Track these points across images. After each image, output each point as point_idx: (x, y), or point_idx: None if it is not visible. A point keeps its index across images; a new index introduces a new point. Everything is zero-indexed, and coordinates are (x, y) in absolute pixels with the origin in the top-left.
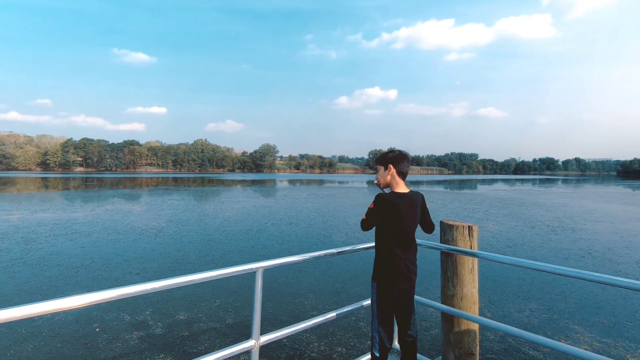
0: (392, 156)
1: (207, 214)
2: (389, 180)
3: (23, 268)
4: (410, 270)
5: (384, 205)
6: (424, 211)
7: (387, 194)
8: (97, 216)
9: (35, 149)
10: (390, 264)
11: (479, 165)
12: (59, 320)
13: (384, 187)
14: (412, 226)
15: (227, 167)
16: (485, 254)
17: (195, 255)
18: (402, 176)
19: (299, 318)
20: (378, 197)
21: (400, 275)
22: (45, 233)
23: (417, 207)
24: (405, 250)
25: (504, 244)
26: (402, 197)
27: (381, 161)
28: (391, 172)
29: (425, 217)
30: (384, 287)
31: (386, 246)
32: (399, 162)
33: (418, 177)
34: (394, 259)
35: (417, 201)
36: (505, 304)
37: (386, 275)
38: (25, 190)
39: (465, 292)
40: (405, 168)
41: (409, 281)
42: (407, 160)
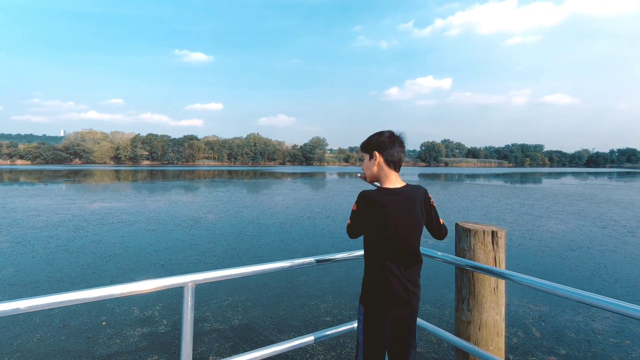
0: (378, 140)
1: (246, 206)
2: (376, 172)
3: (63, 255)
4: (410, 293)
5: (369, 205)
6: (428, 211)
7: (373, 191)
8: (145, 206)
9: (109, 144)
10: (382, 285)
11: (545, 157)
12: (73, 310)
13: (372, 181)
14: (411, 232)
15: (278, 160)
16: (512, 274)
17: (222, 248)
18: (394, 166)
19: (255, 341)
20: (360, 196)
21: (395, 299)
22: (95, 221)
23: (416, 206)
24: (402, 266)
25: (565, 247)
26: (393, 194)
27: (365, 147)
28: (378, 160)
29: (431, 218)
30: (374, 314)
31: (376, 260)
32: (388, 148)
33: (474, 170)
34: (386, 277)
35: (416, 198)
36: (549, 341)
37: (376, 299)
38: (94, 181)
39: (485, 319)
40: (397, 155)
41: (408, 307)
42: (400, 145)
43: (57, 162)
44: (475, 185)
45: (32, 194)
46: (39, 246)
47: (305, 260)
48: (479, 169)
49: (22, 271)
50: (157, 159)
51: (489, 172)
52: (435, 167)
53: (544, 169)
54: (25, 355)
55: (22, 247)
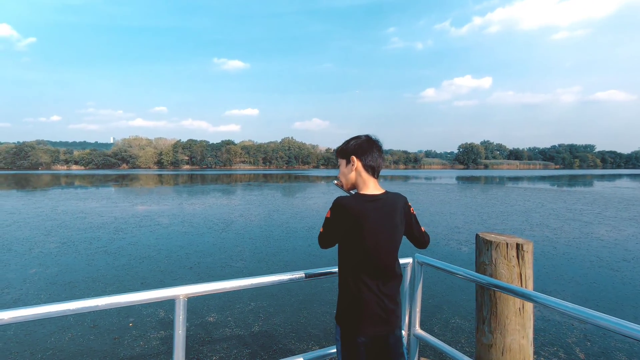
0: (355, 144)
1: (277, 210)
2: (353, 179)
3: (102, 256)
4: (388, 310)
5: (344, 213)
6: (409, 219)
7: (349, 197)
8: (181, 209)
9: (153, 150)
10: (357, 301)
11: (596, 158)
12: (104, 310)
13: (349, 189)
14: (390, 244)
15: (312, 163)
16: (539, 296)
17: (249, 252)
18: (372, 172)
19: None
20: (335, 203)
21: (371, 317)
22: (134, 224)
23: (395, 214)
24: (379, 280)
25: (618, 257)
26: (371, 201)
27: (342, 152)
28: (355, 166)
29: (411, 227)
30: (350, 334)
31: (350, 274)
32: (366, 152)
33: (517, 172)
34: (361, 292)
35: (395, 206)
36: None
37: (351, 318)
38: (139, 185)
39: (509, 342)
40: (376, 160)
41: (387, 326)
42: (378, 150)
43: (107, 167)
44: (517, 188)
45: (82, 197)
46: (82, 247)
47: (295, 275)
48: (522, 171)
49: (63, 271)
50: (196, 163)
51: (532, 175)
52: (474, 169)
53: (596, 171)
54: (56, 353)
55: (67, 247)
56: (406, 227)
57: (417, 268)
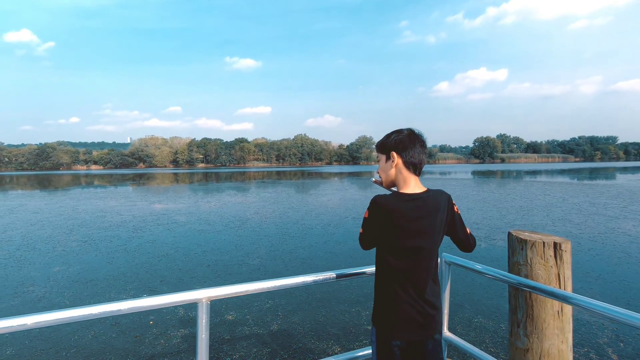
0: (396, 139)
1: (292, 207)
2: (393, 176)
3: (122, 254)
4: (426, 316)
5: (382, 213)
6: (452, 220)
7: (387, 196)
8: (197, 207)
9: (169, 149)
10: (393, 304)
11: (619, 150)
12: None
13: (389, 186)
14: (431, 246)
15: (325, 160)
16: (582, 300)
17: (265, 249)
18: (413, 169)
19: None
20: (372, 202)
21: (408, 322)
22: (152, 222)
23: (437, 214)
24: (418, 284)
25: None
26: (411, 200)
27: (381, 147)
28: (396, 162)
29: (455, 228)
30: (385, 337)
31: (388, 276)
32: (407, 148)
33: (535, 166)
34: (397, 296)
35: (437, 206)
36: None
37: (387, 321)
38: (155, 184)
39: (547, 347)
40: (418, 156)
41: (425, 331)
42: (421, 145)
43: (125, 166)
44: (536, 182)
45: (102, 196)
46: (102, 245)
47: (326, 276)
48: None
49: (85, 269)
50: (210, 161)
51: (552, 168)
52: (490, 163)
53: (618, 163)
54: (80, 351)
55: (88, 245)
56: (449, 228)
57: (445, 268)
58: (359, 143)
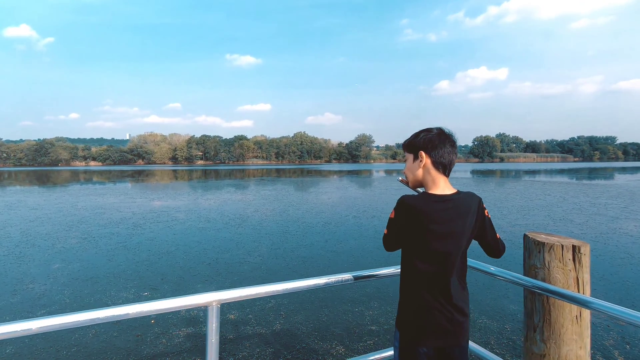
0: (425, 138)
1: (292, 205)
2: (421, 176)
3: (121, 252)
4: (455, 322)
5: (409, 214)
6: (482, 223)
7: (414, 197)
8: (197, 205)
9: (168, 146)
10: (420, 309)
11: (618, 150)
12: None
13: (416, 187)
14: (459, 250)
15: (324, 158)
16: (606, 306)
17: (267, 247)
18: (443, 169)
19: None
20: (400, 202)
21: (435, 328)
22: (152, 219)
23: (467, 217)
24: (446, 289)
25: None
26: (441, 202)
27: (409, 146)
28: (424, 162)
29: (485, 232)
30: (409, 342)
31: (414, 280)
32: (437, 147)
33: (534, 165)
34: (426, 301)
35: (468, 208)
36: None
37: (412, 325)
38: (155, 180)
39: (565, 353)
40: (448, 156)
41: (452, 338)
42: (451, 145)
43: (123, 163)
44: (535, 182)
45: (101, 193)
46: (102, 242)
47: (342, 277)
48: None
49: (85, 266)
50: (210, 158)
51: (551, 168)
52: (489, 162)
53: (617, 163)
54: (80, 350)
55: (87, 243)
56: (479, 232)
57: None
58: (358, 141)
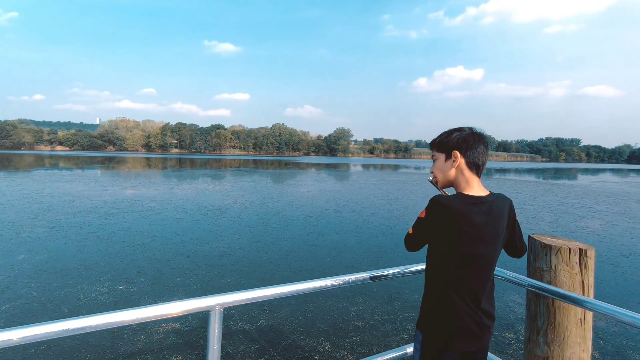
0: (459, 137)
1: (271, 197)
2: (453, 177)
3: (93, 242)
4: (483, 327)
5: (444, 215)
6: (512, 226)
7: (449, 198)
8: (173, 194)
9: (141, 133)
10: (449, 313)
11: (581, 152)
12: (101, 301)
13: (445, 187)
14: (492, 254)
15: (302, 150)
16: (617, 311)
17: (247, 240)
18: (476, 170)
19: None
20: (433, 202)
21: (464, 332)
22: (125, 209)
23: (502, 220)
24: (476, 292)
25: (616, 252)
26: (477, 204)
27: (441, 145)
28: (458, 162)
29: (514, 235)
30: (434, 346)
31: (444, 282)
32: (471, 147)
33: (504, 164)
34: (455, 304)
35: (502, 211)
36: None
37: (439, 329)
38: (126, 168)
39: (568, 356)
40: (482, 157)
41: (479, 342)
42: (484, 145)
43: (93, 148)
44: (507, 180)
45: (69, 180)
46: (72, 232)
47: (359, 277)
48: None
49: (54, 257)
50: (185, 147)
51: (520, 167)
52: None
53: (580, 165)
54: (51, 347)
55: (56, 232)
56: (509, 234)
57: None
58: (337, 135)
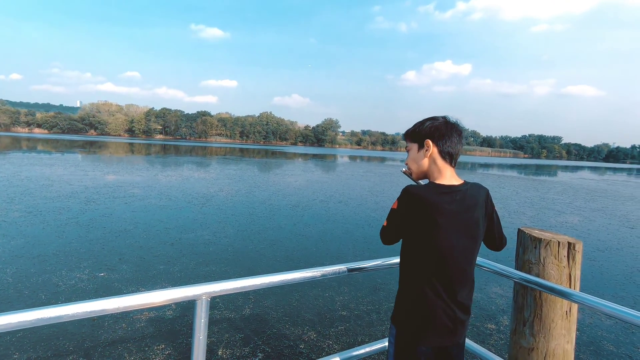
0: (431, 126)
1: (258, 186)
2: (426, 167)
3: (73, 228)
4: (457, 321)
5: (415, 205)
6: (490, 217)
7: (421, 187)
8: (157, 181)
9: (124, 117)
10: (422, 307)
11: (562, 150)
12: (81, 288)
13: (419, 178)
14: (469, 244)
15: (289, 140)
16: (604, 304)
17: (233, 229)
18: (449, 159)
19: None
20: (404, 192)
21: (438, 327)
22: (107, 194)
23: (476, 209)
24: (451, 286)
25: (592, 247)
26: (449, 193)
27: (414, 135)
28: (430, 152)
29: (493, 226)
30: (408, 340)
31: (417, 275)
32: (444, 137)
33: (488, 159)
34: (428, 298)
35: (477, 200)
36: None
37: (412, 323)
38: (108, 153)
39: (553, 347)
40: (455, 146)
41: (454, 337)
42: (458, 134)
43: (73, 132)
44: (490, 175)
45: (48, 163)
46: (50, 217)
47: (335, 269)
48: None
49: (31, 243)
50: (170, 133)
51: (503, 163)
52: None
53: (561, 162)
54: (27, 335)
55: (33, 217)
56: (487, 225)
57: None
58: (325, 125)
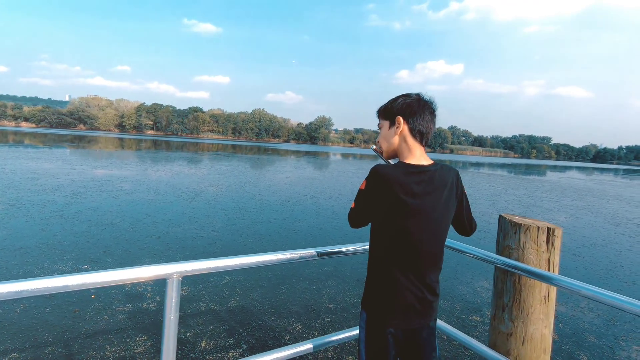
0: (403, 103)
1: (248, 182)
2: (396, 145)
3: (58, 221)
4: (425, 303)
5: (382, 185)
6: (460, 199)
7: (389, 167)
8: (146, 176)
9: (114, 112)
10: (390, 289)
11: (551, 150)
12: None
13: (390, 157)
14: (437, 226)
15: (282, 137)
16: (579, 285)
17: (221, 223)
18: (420, 138)
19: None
20: (372, 172)
21: (405, 308)
22: (94, 188)
23: (445, 190)
24: (419, 268)
25: (578, 243)
26: (416, 173)
27: (384, 112)
28: (401, 129)
29: (462, 209)
30: (377, 323)
31: (385, 258)
32: (415, 114)
33: (479, 158)
34: (396, 280)
35: (446, 181)
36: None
37: (381, 306)
38: (97, 147)
39: (532, 332)
40: (426, 125)
41: (422, 319)
42: (430, 112)
43: (62, 126)
44: (481, 174)
45: (34, 157)
46: (34, 210)
47: (305, 253)
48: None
49: (13, 235)
50: (161, 129)
51: (494, 162)
52: (440, 153)
53: (550, 162)
54: (6, 327)
55: (16, 210)
56: (457, 208)
57: None
58: (318, 123)
